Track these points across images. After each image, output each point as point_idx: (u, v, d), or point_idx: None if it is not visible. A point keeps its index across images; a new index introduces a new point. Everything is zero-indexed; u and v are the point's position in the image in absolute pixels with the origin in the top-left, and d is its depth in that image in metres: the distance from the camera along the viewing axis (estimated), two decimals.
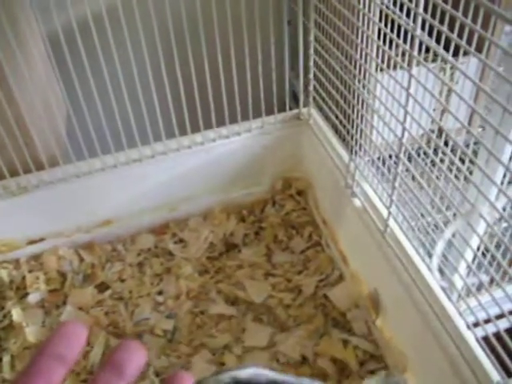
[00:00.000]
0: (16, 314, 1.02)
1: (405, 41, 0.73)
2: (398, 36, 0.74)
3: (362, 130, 0.92)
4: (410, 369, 0.84)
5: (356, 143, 0.94)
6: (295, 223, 1.15)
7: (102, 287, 1.07)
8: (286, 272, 1.07)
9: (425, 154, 0.95)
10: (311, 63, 1.04)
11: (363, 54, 0.86)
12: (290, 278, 1.05)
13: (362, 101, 0.90)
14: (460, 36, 0.63)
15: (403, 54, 0.75)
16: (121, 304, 1.04)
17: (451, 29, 0.65)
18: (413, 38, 0.67)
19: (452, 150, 0.71)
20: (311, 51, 1.02)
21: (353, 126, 0.95)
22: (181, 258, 1.11)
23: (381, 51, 0.81)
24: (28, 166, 1.03)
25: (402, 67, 0.77)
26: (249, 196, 1.19)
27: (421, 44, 0.68)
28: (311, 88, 1.08)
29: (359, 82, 0.88)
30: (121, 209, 1.14)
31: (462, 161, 0.76)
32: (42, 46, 1.08)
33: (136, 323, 1.00)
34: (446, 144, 0.76)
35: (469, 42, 0.63)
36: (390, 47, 0.78)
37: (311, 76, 1.06)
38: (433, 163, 0.92)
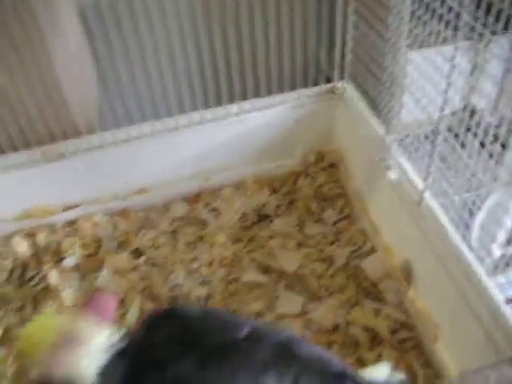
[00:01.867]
0: (52, 277, 1.05)
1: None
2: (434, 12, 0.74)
3: (399, 104, 0.92)
4: (441, 338, 0.86)
5: (393, 117, 0.94)
6: (327, 195, 1.16)
7: (137, 253, 1.10)
8: (317, 243, 1.08)
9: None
10: (349, 36, 1.04)
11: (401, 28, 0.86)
12: (322, 249, 1.07)
13: (400, 75, 0.90)
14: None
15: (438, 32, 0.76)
16: (155, 270, 1.06)
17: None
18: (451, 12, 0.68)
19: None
20: (349, 24, 1.02)
21: (389, 101, 0.95)
22: (214, 227, 1.13)
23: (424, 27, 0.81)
24: (66, 132, 1.05)
25: (445, 41, 0.77)
26: (281, 168, 1.21)
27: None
28: (348, 62, 1.08)
29: (397, 57, 0.88)
30: (155, 177, 1.15)
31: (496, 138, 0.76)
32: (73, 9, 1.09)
33: (170, 288, 1.02)
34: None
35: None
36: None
37: (348, 49, 1.06)
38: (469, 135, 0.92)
